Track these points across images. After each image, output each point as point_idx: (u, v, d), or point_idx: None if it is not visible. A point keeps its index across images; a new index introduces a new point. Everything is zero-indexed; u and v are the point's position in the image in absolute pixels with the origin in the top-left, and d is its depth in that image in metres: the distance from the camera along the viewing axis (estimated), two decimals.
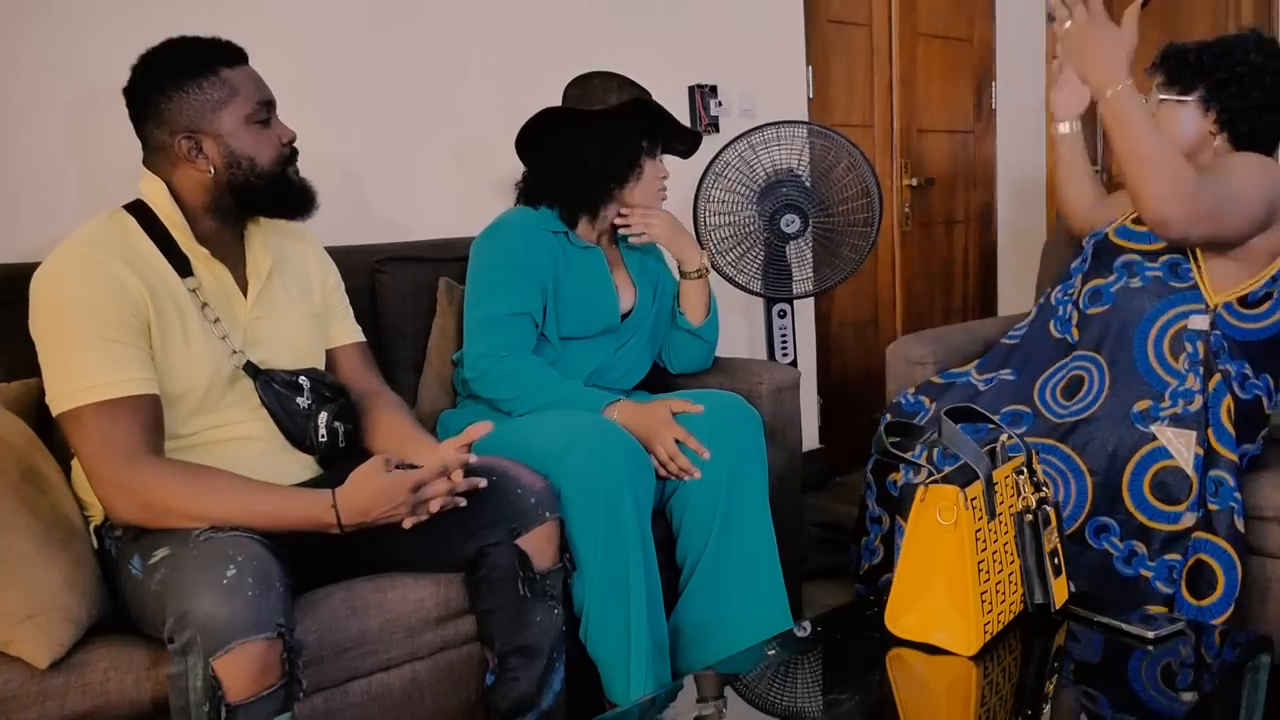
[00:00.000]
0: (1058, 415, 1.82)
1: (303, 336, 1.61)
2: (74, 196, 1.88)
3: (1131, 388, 1.81)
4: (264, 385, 1.51)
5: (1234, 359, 1.84)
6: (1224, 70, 1.86)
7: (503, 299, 1.91)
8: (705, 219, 2.56)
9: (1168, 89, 1.92)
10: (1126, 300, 1.88)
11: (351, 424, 1.61)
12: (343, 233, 2.15)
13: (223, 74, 1.47)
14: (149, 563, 1.31)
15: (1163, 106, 1.92)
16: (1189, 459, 1.74)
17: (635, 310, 2.09)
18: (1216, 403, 1.77)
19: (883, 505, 1.99)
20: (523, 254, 1.93)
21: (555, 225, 2.00)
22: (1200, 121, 1.90)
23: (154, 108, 1.45)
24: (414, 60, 2.33)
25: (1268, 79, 1.85)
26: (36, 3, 1.84)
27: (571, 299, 1.98)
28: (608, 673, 1.70)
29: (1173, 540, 1.74)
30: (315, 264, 1.68)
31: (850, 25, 3.43)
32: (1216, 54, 1.87)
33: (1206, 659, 1.42)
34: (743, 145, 2.54)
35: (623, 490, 1.67)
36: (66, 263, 1.38)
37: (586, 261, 2.02)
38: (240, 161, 1.48)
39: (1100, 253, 1.98)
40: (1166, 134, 1.87)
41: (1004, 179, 4.02)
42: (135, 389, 1.36)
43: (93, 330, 1.35)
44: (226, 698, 1.19)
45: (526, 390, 1.87)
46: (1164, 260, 1.87)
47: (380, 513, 1.40)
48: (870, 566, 2.03)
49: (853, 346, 3.56)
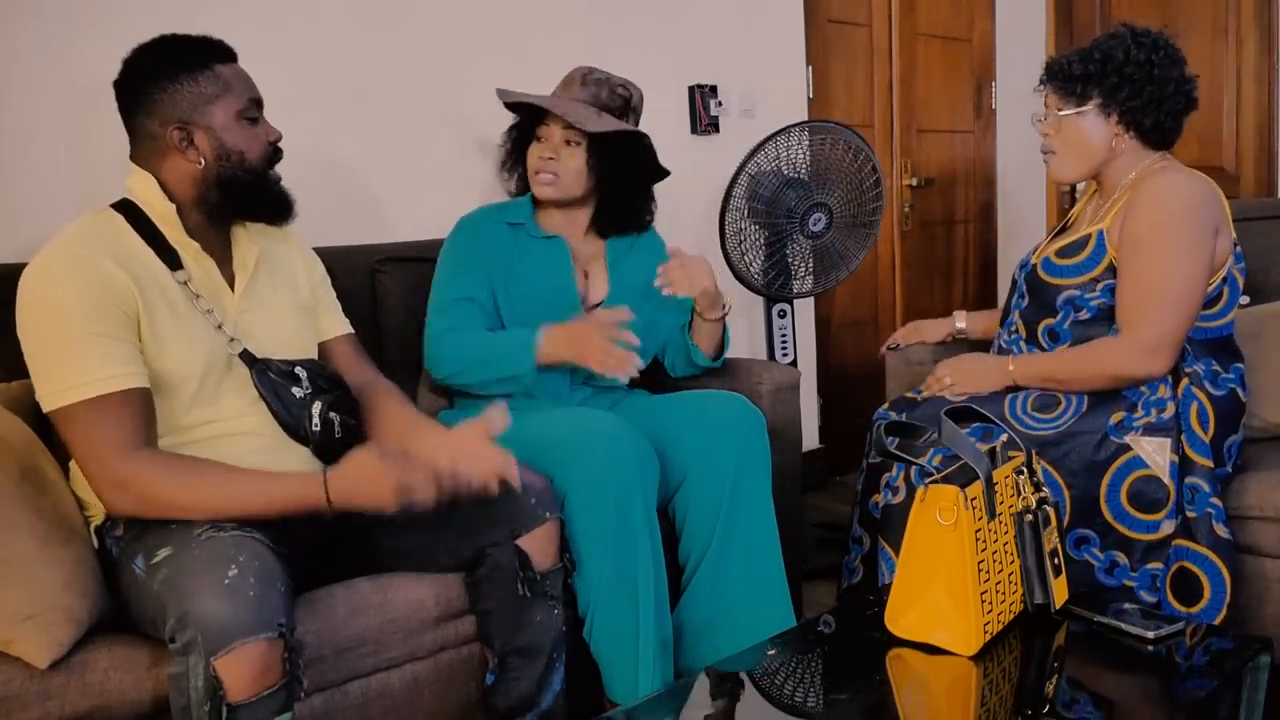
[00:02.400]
0: (1029, 428, 1.82)
1: (292, 328, 1.61)
2: (70, 196, 1.87)
3: (1106, 403, 1.81)
4: (260, 373, 1.50)
5: (1201, 358, 1.84)
6: (1113, 74, 1.84)
7: (448, 286, 1.99)
8: (738, 226, 2.56)
9: (1064, 103, 1.90)
10: (1083, 331, 1.88)
11: (350, 416, 1.61)
12: (343, 233, 2.16)
13: (217, 69, 1.48)
14: (151, 562, 1.31)
15: (1065, 121, 1.91)
16: (1165, 466, 1.75)
17: (607, 302, 2.07)
18: (1186, 409, 1.78)
19: (864, 526, 2.00)
20: (469, 245, 2.02)
21: (517, 216, 2.07)
22: (1104, 126, 1.89)
23: (147, 98, 1.46)
24: (414, 60, 2.33)
25: (1157, 72, 1.83)
26: (30, 2, 1.84)
27: (525, 286, 2.01)
28: (610, 672, 1.70)
29: (1153, 549, 1.76)
30: (300, 259, 1.68)
31: (850, 25, 3.43)
32: (1100, 60, 1.85)
33: (1206, 659, 1.42)
34: (771, 149, 2.53)
35: (633, 488, 1.68)
36: (53, 260, 1.38)
37: (545, 250, 2.06)
38: (230, 155, 1.48)
39: (1036, 290, 1.95)
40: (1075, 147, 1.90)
41: (1004, 179, 4.02)
42: (126, 384, 1.36)
43: (81, 326, 1.35)
44: (227, 697, 1.19)
45: (465, 357, 1.92)
46: (1102, 287, 1.86)
47: (364, 492, 1.38)
48: (850, 586, 2.04)
49: (853, 346, 3.56)
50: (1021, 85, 3.97)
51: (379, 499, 1.38)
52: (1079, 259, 1.89)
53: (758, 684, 1.38)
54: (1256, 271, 2.26)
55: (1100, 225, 1.88)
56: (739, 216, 2.56)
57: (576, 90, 2.04)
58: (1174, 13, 3.70)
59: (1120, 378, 1.81)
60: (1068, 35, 3.99)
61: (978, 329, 2.29)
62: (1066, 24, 4.02)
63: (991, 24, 3.89)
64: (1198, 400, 1.79)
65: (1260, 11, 3.56)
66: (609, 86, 2.05)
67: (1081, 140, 1.91)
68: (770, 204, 2.55)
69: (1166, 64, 1.84)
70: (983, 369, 1.96)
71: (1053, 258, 1.94)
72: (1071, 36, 4.00)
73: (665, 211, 2.67)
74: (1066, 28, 4.02)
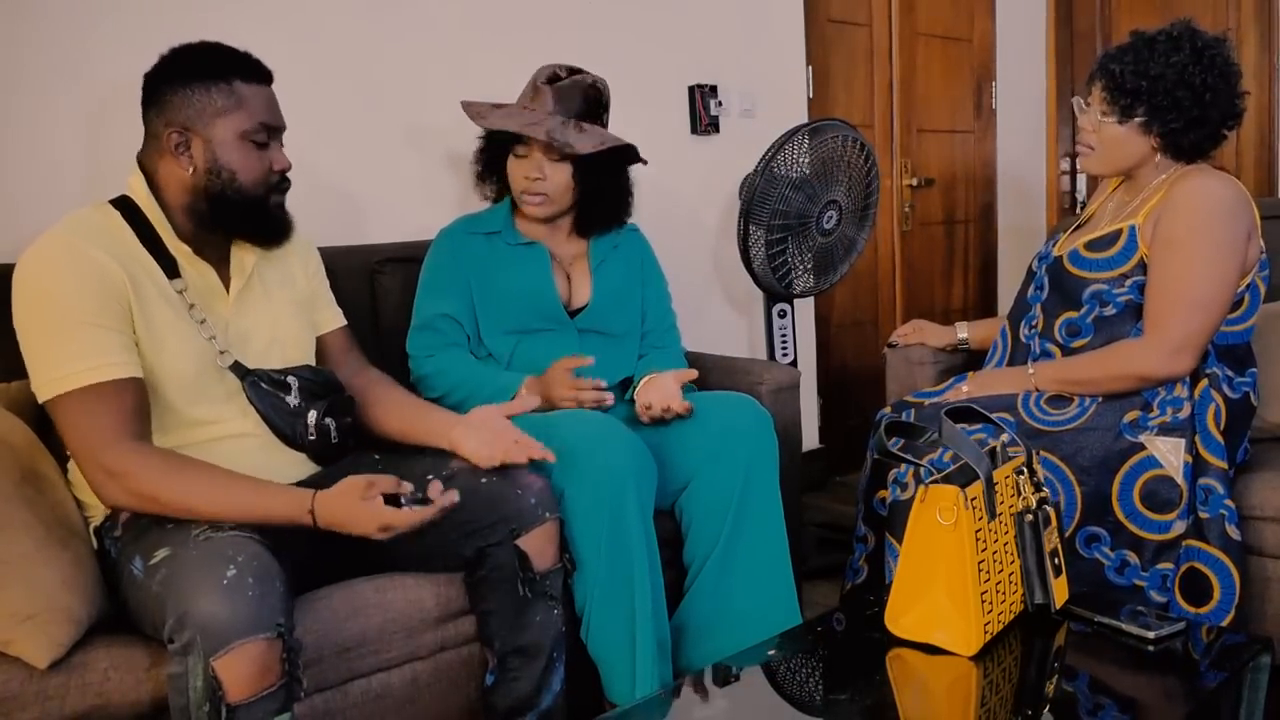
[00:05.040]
0: (1041, 422, 1.82)
1: (289, 328, 1.61)
2: (80, 197, 1.87)
3: (1122, 401, 1.81)
4: (252, 386, 1.51)
5: (1219, 362, 1.84)
6: (1163, 96, 1.82)
7: (429, 303, 2.00)
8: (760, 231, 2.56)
9: (1109, 110, 1.89)
10: (1107, 328, 1.87)
11: (347, 417, 1.61)
12: (342, 233, 2.16)
13: (235, 85, 1.48)
14: (150, 563, 1.31)
15: (1104, 124, 1.90)
16: (1178, 467, 1.75)
17: (591, 306, 2.07)
18: (1203, 410, 1.78)
19: (869, 524, 1.99)
20: (447, 260, 2.03)
21: (493, 225, 2.07)
22: (1144, 140, 1.88)
23: (159, 96, 1.47)
24: (415, 60, 2.33)
25: (1209, 97, 1.82)
26: (39, 3, 1.84)
27: (505, 292, 2.01)
28: (609, 672, 1.70)
29: (1164, 549, 1.75)
30: (297, 253, 1.68)
31: (850, 25, 3.43)
32: (1154, 77, 1.82)
33: (1207, 659, 1.42)
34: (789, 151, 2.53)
35: (627, 489, 1.68)
36: (47, 251, 1.38)
37: (524, 257, 2.05)
38: (221, 172, 1.48)
39: (1060, 282, 1.94)
40: (1111, 151, 1.90)
41: (1004, 179, 4.02)
42: (119, 373, 1.37)
43: (75, 316, 1.35)
44: (226, 698, 1.19)
45: (452, 384, 1.93)
46: (1130, 283, 1.85)
47: (350, 526, 1.38)
48: (853, 586, 2.03)
49: (853, 346, 3.56)
50: (1021, 85, 3.99)
51: (363, 530, 1.38)
52: (1109, 253, 1.88)
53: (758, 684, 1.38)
54: None
55: (1132, 221, 1.87)
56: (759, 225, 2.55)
57: (549, 103, 1.99)
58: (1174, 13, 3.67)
59: (1145, 378, 1.80)
60: (1068, 35, 4.00)
61: (976, 339, 2.29)
62: (1066, 24, 4.02)
63: (991, 24, 3.89)
64: (1215, 402, 1.79)
65: (1260, 11, 3.56)
66: (580, 91, 2.00)
67: (1118, 147, 1.90)
68: (788, 213, 2.54)
69: (1220, 87, 1.82)
70: (1004, 378, 1.95)
71: (1081, 250, 1.92)
72: (1071, 36, 4.00)
73: (664, 211, 2.67)
74: (1066, 28, 4.02)
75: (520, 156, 2.01)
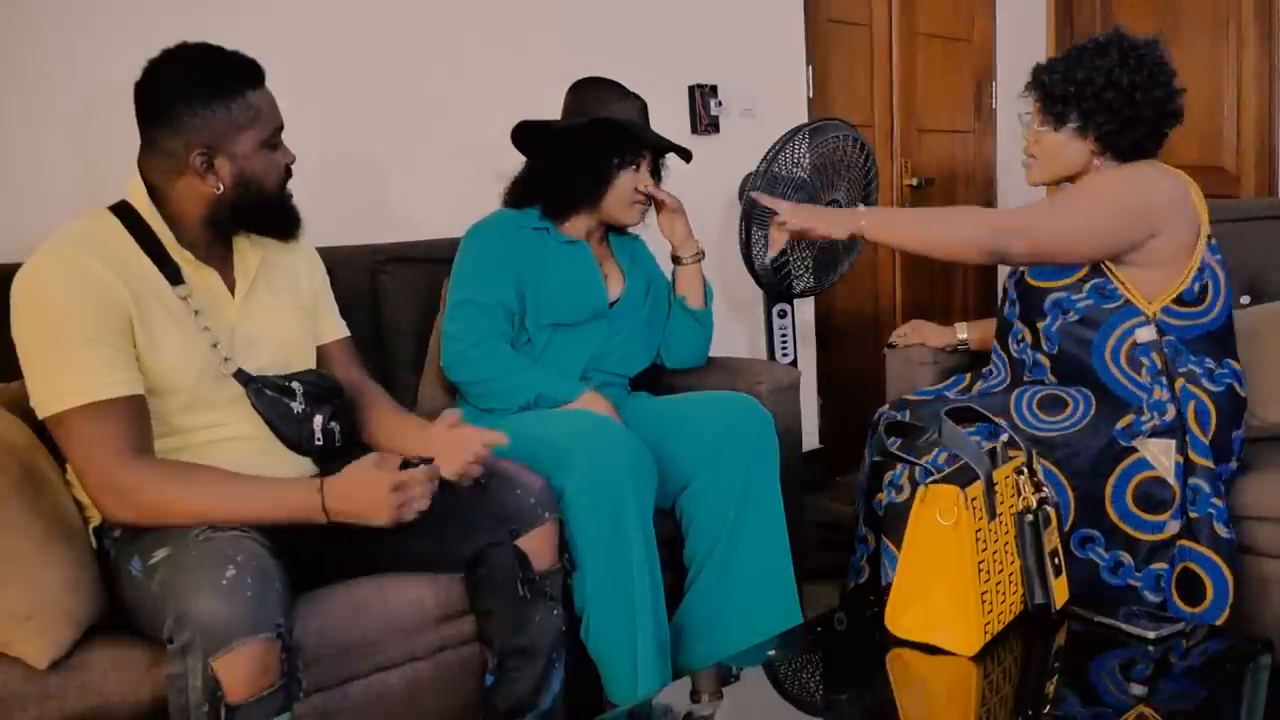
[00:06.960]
0: (1034, 428, 1.82)
1: (293, 333, 1.60)
2: (74, 195, 1.87)
3: (1114, 408, 1.81)
4: (256, 393, 1.50)
5: (1195, 355, 1.84)
6: (1091, 99, 1.83)
7: (484, 287, 1.97)
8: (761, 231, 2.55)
9: (1044, 119, 1.91)
10: (1070, 334, 1.88)
11: (349, 419, 1.61)
12: (343, 233, 2.15)
13: (249, 97, 1.46)
14: (149, 563, 1.31)
15: (1042, 133, 1.92)
16: (1170, 468, 1.76)
17: (624, 298, 2.12)
18: (1185, 409, 1.78)
19: (868, 525, 2.00)
20: (504, 248, 2.01)
21: (537, 223, 2.07)
22: (1081, 145, 1.88)
23: (175, 117, 1.42)
24: (415, 60, 2.33)
25: (1138, 95, 1.82)
26: (36, 5, 1.84)
27: (556, 287, 2.02)
28: (608, 672, 1.71)
29: (1158, 549, 1.76)
30: (304, 260, 1.67)
31: (850, 25, 3.43)
32: (1081, 81, 1.84)
33: (1207, 660, 1.42)
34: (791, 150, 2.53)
35: (626, 489, 1.68)
36: (46, 265, 1.37)
37: (571, 254, 2.07)
38: (249, 183, 1.47)
39: (1025, 295, 1.95)
40: (1051, 160, 1.92)
41: (1004, 179, 4.02)
42: (120, 390, 1.36)
43: (75, 333, 1.34)
44: (226, 698, 1.19)
45: (497, 372, 1.93)
46: (1088, 287, 1.85)
47: (361, 509, 1.39)
48: (855, 586, 2.03)
49: (853, 346, 3.56)
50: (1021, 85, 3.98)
51: (376, 515, 1.38)
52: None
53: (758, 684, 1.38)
54: (1257, 271, 2.26)
55: None
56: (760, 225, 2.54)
57: (639, 114, 2.08)
58: (1174, 13, 3.70)
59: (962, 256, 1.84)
60: (1068, 35, 3.99)
61: (976, 339, 2.29)
62: (1066, 24, 4.02)
63: (991, 24, 3.89)
64: (1196, 399, 1.79)
65: (1260, 12, 3.56)
66: (636, 96, 2.10)
67: (1059, 153, 1.91)
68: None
69: (1149, 85, 1.82)
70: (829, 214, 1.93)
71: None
72: (1071, 36, 4.00)
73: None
74: (1066, 28, 4.02)
75: (637, 169, 2.05)
